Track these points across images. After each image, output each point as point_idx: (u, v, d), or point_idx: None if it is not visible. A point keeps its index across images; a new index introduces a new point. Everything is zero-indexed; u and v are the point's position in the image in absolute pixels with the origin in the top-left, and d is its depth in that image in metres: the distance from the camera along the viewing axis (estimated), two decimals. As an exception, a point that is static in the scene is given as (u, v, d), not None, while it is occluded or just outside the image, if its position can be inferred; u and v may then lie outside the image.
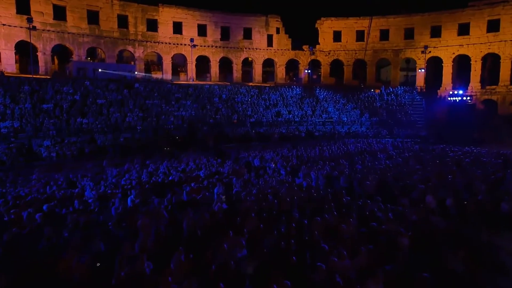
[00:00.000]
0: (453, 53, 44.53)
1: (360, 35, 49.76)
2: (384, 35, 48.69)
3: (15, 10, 37.53)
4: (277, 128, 33.89)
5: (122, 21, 43.49)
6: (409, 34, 47.36)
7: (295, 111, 37.79)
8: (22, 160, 21.40)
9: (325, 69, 50.88)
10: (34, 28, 34.49)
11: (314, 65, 52.55)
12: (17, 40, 37.83)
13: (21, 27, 37.65)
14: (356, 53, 49.72)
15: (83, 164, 19.46)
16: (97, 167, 18.82)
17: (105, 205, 12.87)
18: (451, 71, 44.86)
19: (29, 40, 38.38)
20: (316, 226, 9.64)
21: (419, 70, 45.22)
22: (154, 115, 30.89)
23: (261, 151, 24.47)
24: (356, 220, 10.28)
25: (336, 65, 51.10)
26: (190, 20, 46.47)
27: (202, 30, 47.20)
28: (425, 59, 44.35)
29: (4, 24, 37.37)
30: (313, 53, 49.43)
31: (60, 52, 43.13)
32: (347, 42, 49.95)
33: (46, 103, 27.93)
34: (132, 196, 12.74)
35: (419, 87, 44.26)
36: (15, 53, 40.43)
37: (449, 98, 38.77)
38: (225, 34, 48.46)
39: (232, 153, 22.80)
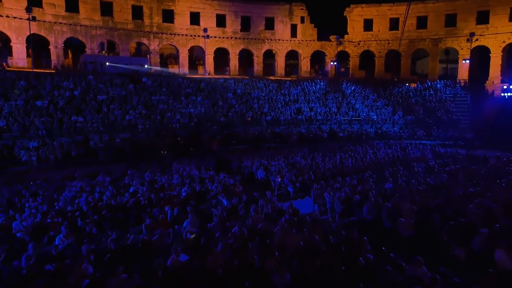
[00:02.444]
0: (504, 42, 37.60)
1: (394, 23, 43.68)
2: (422, 22, 42.33)
3: (26, 3, 35.09)
4: (296, 128, 29.24)
5: (137, 12, 40.17)
6: (451, 21, 40.77)
7: (318, 108, 32.87)
8: (-4, 165, 18.28)
9: (354, 61, 45.27)
10: (34, 18, 31.75)
11: (342, 57, 47.07)
12: (28, 33, 35.41)
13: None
14: (389, 43, 43.70)
15: (54, 173, 15.93)
16: (68, 179, 15.25)
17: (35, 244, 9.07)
18: (500, 62, 37.98)
19: (41, 33, 36.06)
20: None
21: (463, 61, 38.65)
22: (159, 112, 27.21)
23: (272, 157, 20.05)
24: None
25: (367, 57, 45.33)
26: (208, 10, 42.38)
27: (220, 21, 43.06)
28: (470, 48, 37.80)
29: (15, 17, 34.95)
30: (341, 44, 43.99)
31: (76, 46, 40.59)
32: (379, 31, 44.01)
33: (41, 99, 24.91)
34: (61, 234, 8.86)
35: (462, 81, 37.81)
36: (29, 47, 38.34)
37: (502, 94, 32.26)
38: (246, 25, 44.01)
39: (234, 162, 18.56)
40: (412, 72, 45.24)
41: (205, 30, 38.31)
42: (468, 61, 37.99)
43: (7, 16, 34.25)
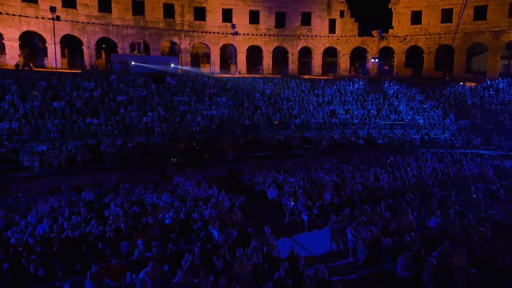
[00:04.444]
0: None
1: (446, 15, 38.20)
2: (480, 13, 36.51)
3: (61, 4, 34.73)
4: (329, 132, 25.59)
5: (168, 11, 38.63)
6: (516, 9, 34.71)
7: (355, 110, 28.86)
8: (-4, 171, 16.81)
9: (399, 58, 40.31)
10: (58, 18, 30.90)
11: (386, 53, 42.27)
12: (63, 34, 35.08)
13: (66, 20, 34.82)
14: (440, 38, 38.30)
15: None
16: (54, 191, 13.21)
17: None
18: None
19: (74, 34, 35.57)
20: None
21: (531, 56, 32.57)
22: (178, 114, 24.93)
23: (292, 169, 16.84)
24: None
25: (414, 53, 40.21)
26: (241, 6, 39.72)
27: (254, 17, 40.26)
28: (540, 41, 31.66)
29: (50, 18, 34.66)
30: (384, 38, 39.29)
31: (111, 46, 39.90)
32: (428, 24, 38.73)
33: (58, 100, 23.60)
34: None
35: (530, 79, 31.77)
36: (64, 48, 38.14)
37: None
38: (280, 21, 40.83)
39: (246, 175, 15.56)
40: (467, 69, 39.45)
41: (233, 26, 35.58)
42: (537, 56, 31.85)
43: (43, 18, 34.00)
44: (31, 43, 38.23)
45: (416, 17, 38.96)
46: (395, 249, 8.26)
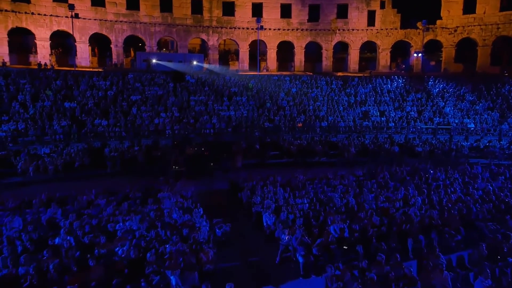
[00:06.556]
0: None
1: (506, 2, 32.67)
2: (550, -3, 30.68)
3: (90, 3, 34.21)
4: (359, 137, 22.13)
5: (196, 7, 36.82)
6: None
7: (392, 111, 24.98)
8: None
9: (448, 52, 35.24)
10: (77, 15, 30.05)
11: (434, 47, 37.32)
12: (91, 33, 34.57)
13: (95, 19, 34.31)
14: (499, 28, 32.78)
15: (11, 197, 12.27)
16: (24, 206, 11.51)
17: None
18: None
19: (102, 32, 34.91)
20: None
21: None
22: (192, 115, 22.84)
23: (304, 184, 13.91)
24: None
25: (466, 47, 34.97)
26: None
27: (286, 11, 37.28)
28: None
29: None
30: (431, 30, 34.47)
31: (143, 44, 38.99)
32: (484, 13, 33.33)
33: (69, 101, 22.47)
34: None
35: None
36: (94, 46, 37.78)
37: None
38: (314, 14, 37.46)
39: (245, 191, 12.88)
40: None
41: (258, 20, 32.81)
42: None
43: (72, 17, 33.61)
44: (66, 43, 38.30)
45: (469, 6, 33.75)
46: None
